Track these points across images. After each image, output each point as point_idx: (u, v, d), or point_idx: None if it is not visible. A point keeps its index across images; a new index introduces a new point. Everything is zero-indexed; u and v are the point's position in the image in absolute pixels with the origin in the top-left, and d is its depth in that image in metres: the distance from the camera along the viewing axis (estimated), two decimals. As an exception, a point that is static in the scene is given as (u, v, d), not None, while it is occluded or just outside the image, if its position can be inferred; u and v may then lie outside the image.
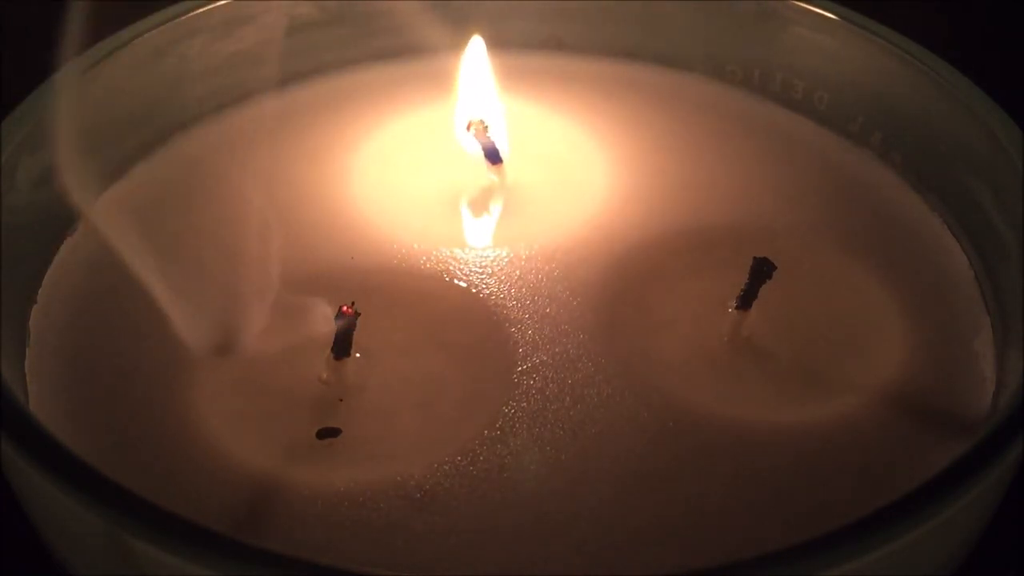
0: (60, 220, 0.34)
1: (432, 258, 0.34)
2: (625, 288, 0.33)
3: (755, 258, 0.31)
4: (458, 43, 0.38)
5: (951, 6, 0.49)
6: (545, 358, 0.31)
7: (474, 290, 0.33)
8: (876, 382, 0.31)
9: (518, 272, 0.33)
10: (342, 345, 0.30)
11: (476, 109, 0.37)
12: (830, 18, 0.38)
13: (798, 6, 0.38)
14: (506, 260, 0.34)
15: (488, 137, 0.36)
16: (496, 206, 0.36)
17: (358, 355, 0.30)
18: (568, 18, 0.41)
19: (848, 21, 0.37)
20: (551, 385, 0.30)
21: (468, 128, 0.36)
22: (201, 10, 0.37)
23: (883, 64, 0.37)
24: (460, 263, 0.34)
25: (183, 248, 0.34)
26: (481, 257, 0.34)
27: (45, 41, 0.29)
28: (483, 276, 0.33)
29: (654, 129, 0.39)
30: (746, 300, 0.31)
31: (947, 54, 0.36)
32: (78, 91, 0.34)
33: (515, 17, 0.41)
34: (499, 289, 0.33)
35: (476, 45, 0.38)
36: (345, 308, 0.29)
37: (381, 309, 0.31)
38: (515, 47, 0.40)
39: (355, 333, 0.30)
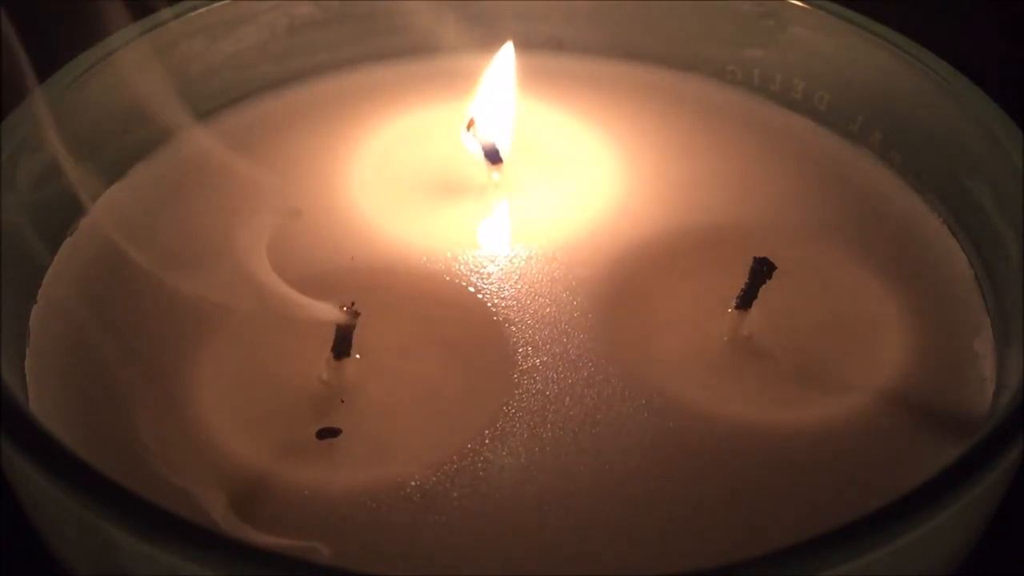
0: (60, 220, 0.34)
1: (432, 258, 0.34)
2: (625, 288, 0.33)
3: (755, 258, 0.31)
4: (458, 43, 0.38)
5: (952, 6, 0.49)
6: (545, 358, 0.31)
7: (474, 290, 0.33)
8: (876, 382, 0.31)
9: (518, 272, 0.33)
10: (342, 345, 0.30)
11: (486, 109, 0.37)
12: (830, 18, 0.38)
13: (798, 6, 0.38)
14: (506, 260, 0.34)
15: (487, 137, 0.36)
16: (496, 206, 0.36)
17: (358, 355, 0.30)
18: (568, 18, 0.41)
19: (848, 21, 0.37)
20: (551, 385, 0.30)
21: (468, 127, 0.36)
22: (201, 10, 0.37)
23: (883, 64, 0.37)
24: (460, 263, 0.34)
25: (182, 247, 0.34)
26: (481, 257, 0.34)
27: (46, 41, 0.29)
28: (483, 276, 0.33)
29: (654, 129, 0.39)
30: (746, 300, 0.31)
31: (947, 54, 0.36)
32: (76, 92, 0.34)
33: (515, 17, 0.41)
34: (499, 289, 0.33)
35: (507, 50, 0.38)
36: (345, 308, 0.29)
37: (381, 309, 0.31)
38: (515, 47, 0.40)
39: (355, 333, 0.30)
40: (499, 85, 0.37)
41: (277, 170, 0.36)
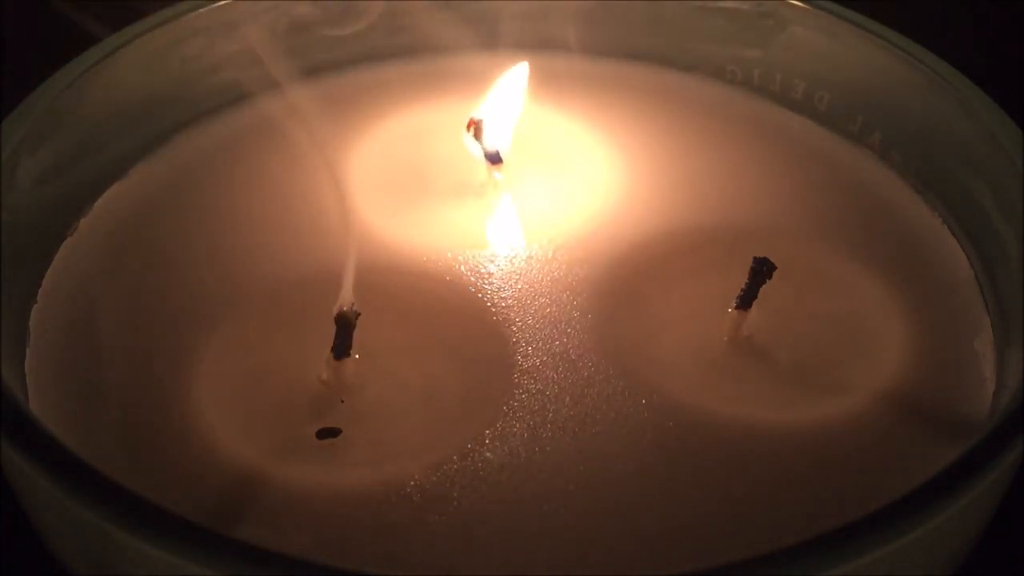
0: (60, 220, 0.34)
1: (432, 258, 0.34)
2: (625, 288, 0.33)
3: (755, 258, 0.31)
4: (458, 43, 0.38)
5: (952, 6, 0.49)
6: (545, 358, 0.31)
7: (474, 290, 0.33)
8: (876, 382, 0.31)
9: (518, 272, 0.33)
10: (342, 345, 0.30)
11: (491, 113, 0.37)
12: (830, 18, 0.38)
13: (798, 6, 0.38)
14: (506, 260, 0.34)
15: (489, 139, 0.36)
16: (497, 206, 0.36)
17: (358, 355, 0.30)
18: (568, 18, 0.41)
19: (848, 21, 0.37)
20: (551, 385, 0.30)
21: (468, 128, 0.36)
22: (201, 10, 0.37)
23: (883, 64, 0.37)
24: (460, 263, 0.34)
25: (182, 247, 0.34)
26: (481, 257, 0.34)
27: (45, 42, 0.29)
28: (483, 276, 0.33)
29: (654, 129, 0.39)
30: (746, 300, 0.31)
31: (947, 54, 0.36)
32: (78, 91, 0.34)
33: (515, 17, 0.41)
34: (499, 289, 0.33)
35: (522, 69, 0.38)
36: (345, 308, 0.29)
37: (381, 309, 0.31)
38: (515, 47, 0.40)
39: (355, 333, 0.30)
40: (508, 95, 0.37)
41: (277, 169, 0.36)
